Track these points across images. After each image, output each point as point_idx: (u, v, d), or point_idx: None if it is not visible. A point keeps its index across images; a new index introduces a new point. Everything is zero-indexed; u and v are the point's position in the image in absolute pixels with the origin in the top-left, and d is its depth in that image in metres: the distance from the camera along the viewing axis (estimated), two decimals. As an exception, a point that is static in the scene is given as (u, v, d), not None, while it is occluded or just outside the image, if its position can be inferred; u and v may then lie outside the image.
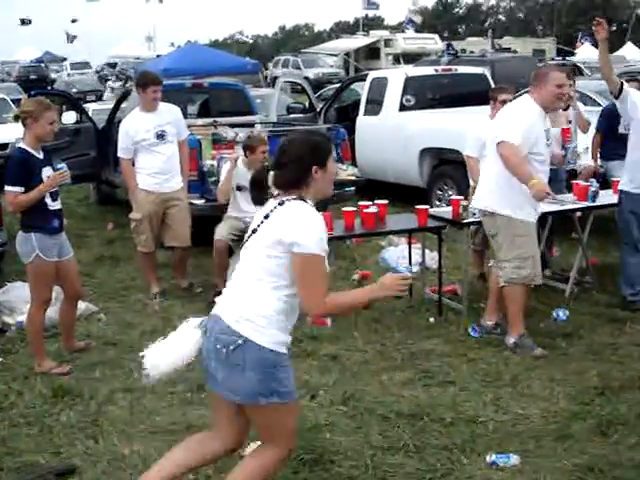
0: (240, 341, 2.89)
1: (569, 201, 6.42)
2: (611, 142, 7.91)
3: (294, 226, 2.90)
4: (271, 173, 3.06)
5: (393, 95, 10.14)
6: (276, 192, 3.06)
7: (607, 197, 6.69)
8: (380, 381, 4.83)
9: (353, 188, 8.16)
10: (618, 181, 6.72)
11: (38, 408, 4.53)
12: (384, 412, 4.34)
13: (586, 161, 7.90)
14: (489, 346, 5.35)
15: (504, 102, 6.14)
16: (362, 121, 10.51)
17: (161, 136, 6.54)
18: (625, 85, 5.99)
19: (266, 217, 2.99)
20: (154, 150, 6.56)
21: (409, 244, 6.59)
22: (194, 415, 4.40)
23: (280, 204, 2.98)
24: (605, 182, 7.33)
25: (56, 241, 5.02)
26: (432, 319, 5.92)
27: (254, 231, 3.05)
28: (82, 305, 5.89)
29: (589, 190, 6.42)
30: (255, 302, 2.94)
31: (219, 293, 6.24)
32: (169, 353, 3.12)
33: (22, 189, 4.81)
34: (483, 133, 5.92)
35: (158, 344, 3.18)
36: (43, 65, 37.83)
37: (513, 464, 3.78)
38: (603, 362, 5.07)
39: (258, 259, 2.97)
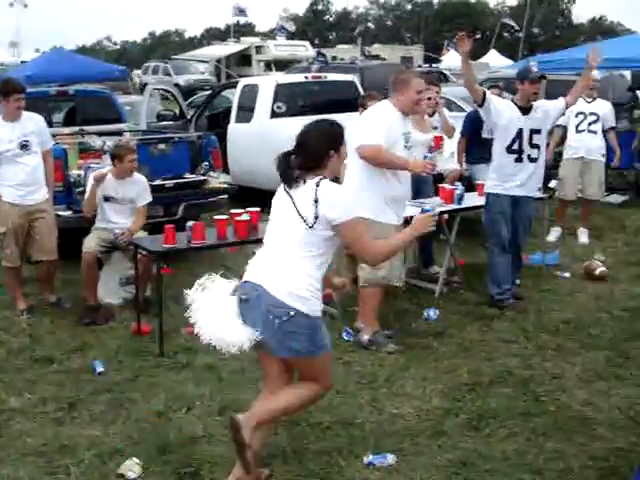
0: (292, 313, 3.36)
1: (436, 204, 6.61)
2: (476, 146, 8.21)
3: (328, 201, 3.39)
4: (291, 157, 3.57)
5: (264, 102, 10.17)
6: (296, 173, 3.52)
7: (472, 199, 6.95)
8: (257, 389, 4.78)
9: (225, 196, 8.11)
10: (483, 184, 7.00)
11: None
12: (262, 420, 4.33)
13: (452, 165, 8.16)
14: (363, 349, 5.43)
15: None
16: (233, 128, 10.47)
17: (25, 146, 6.27)
18: (488, 93, 6.24)
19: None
20: (18, 161, 6.28)
21: (283, 250, 6.60)
22: (66, 435, 4.23)
23: (305, 183, 3.47)
24: (470, 185, 7.62)
25: None
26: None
27: (285, 209, 3.51)
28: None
29: (455, 193, 6.64)
30: (301, 278, 3.40)
31: (90, 307, 6.09)
32: (224, 326, 3.46)
33: None
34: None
35: (208, 323, 3.51)
36: None
37: (389, 463, 3.85)
38: (473, 359, 5.25)
39: (297, 233, 3.42)
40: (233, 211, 6.04)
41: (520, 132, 6.20)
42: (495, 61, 31.53)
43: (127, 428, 4.27)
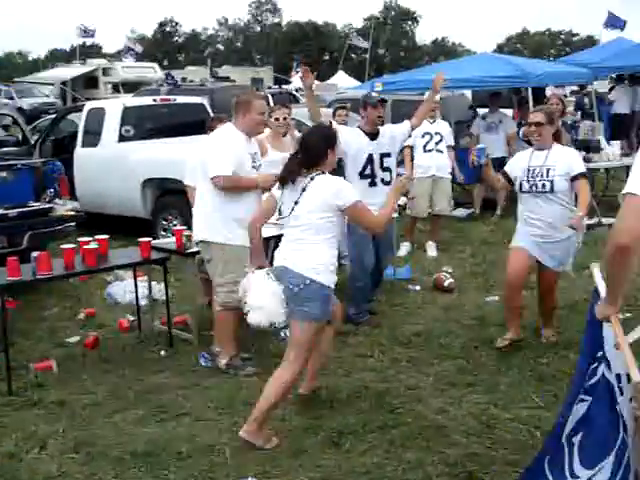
0: (307, 282, 4.15)
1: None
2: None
3: (334, 191, 4.20)
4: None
5: (111, 126, 9.92)
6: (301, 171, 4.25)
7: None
8: (113, 422, 4.66)
9: (73, 224, 7.83)
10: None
11: None
12: (119, 454, 4.20)
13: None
14: (221, 373, 5.38)
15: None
16: (80, 153, 10.15)
17: None
18: (334, 124, 6.36)
19: (304, 190, 4.20)
20: None
21: (135, 278, 6.47)
22: None
23: (312, 179, 4.22)
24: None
25: None
26: (163, 352, 5.84)
27: (296, 203, 4.23)
28: None
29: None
30: (315, 254, 4.20)
31: None
32: (272, 304, 4.13)
33: None
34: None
35: (256, 308, 4.17)
36: None
37: (252, 487, 3.83)
38: (330, 376, 5.30)
39: (310, 222, 4.20)
40: (81, 239, 5.84)
41: (370, 157, 6.37)
42: (343, 82, 32.30)
43: None
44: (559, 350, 5.69)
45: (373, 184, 6.39)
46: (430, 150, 9.07)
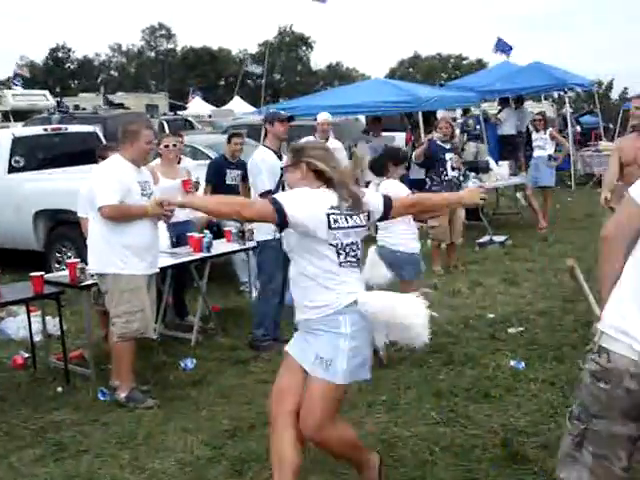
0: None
1: (185, 253, 6.66)
2: (221, 193, 8.35)
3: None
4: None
5: (1, 156, 9.66)
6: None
7: (221, 246, 7.08)
8: (9, 463, 4.52)
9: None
10: (230, 230, 7.17)
11: None
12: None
13: (199, 213, 8.19)
14: (120, 407, 5.29)
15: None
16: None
17: None
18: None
19: None
20: None
21: (28, 313, 6.29)
22: None
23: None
24: (219, 231, 7.73)
25: None
26: (60, 388, 5.69)
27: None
28: None
29: (203, 241, 6.72)
30: None
31: None
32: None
33: None
34: None
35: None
36: None
37: (152, 523, 3.78)
38: (232, 404, 5.30)
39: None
40: (-30, 275, 5.66)
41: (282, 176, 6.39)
42: (239, 108, 32.36)
43: None
44: (455, 366, 5.87)
45: None
46: None
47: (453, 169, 9.19)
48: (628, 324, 2.68)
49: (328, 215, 3.52)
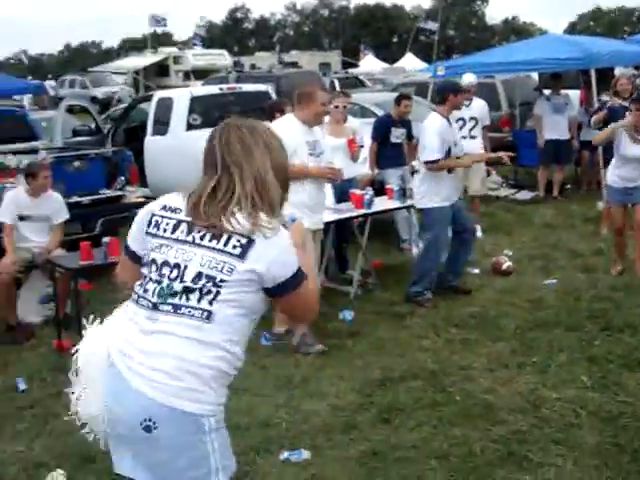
0: None
1: (347, 209, 6.88)
2: (386, 151, 8.50)
3: None
4: None
5: (179, 115, 10.25)
6: None
7: (382, 203, 7.25)
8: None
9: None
10: (392, 188, 7.31)
11: None
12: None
13: (364, 170, 8.42)
14: (280, 352, 5.64)
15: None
16: (150, 142, 10.52)
17: None
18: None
19: None
20: None
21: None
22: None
23: None
24: (382, 189, 7.89)
25: None
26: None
27: None
28: None
29: (364, 198, 6.91)
30: None
31: (10, 327, 6.13)
32: None
33: None
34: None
35: None
36: None
37: (304, 458, 4.07)
38: (385, 356, 5.50)
39: None
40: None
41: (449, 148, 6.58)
42: (411, 64, 32.14)
43: (52, 442, 4.38)
44: (613, 332, 5.76)
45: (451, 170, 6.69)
46: (463, 137, 8.73)
47: None
48: None
49: None
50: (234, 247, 2.33)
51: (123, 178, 8.30)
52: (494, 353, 5.50)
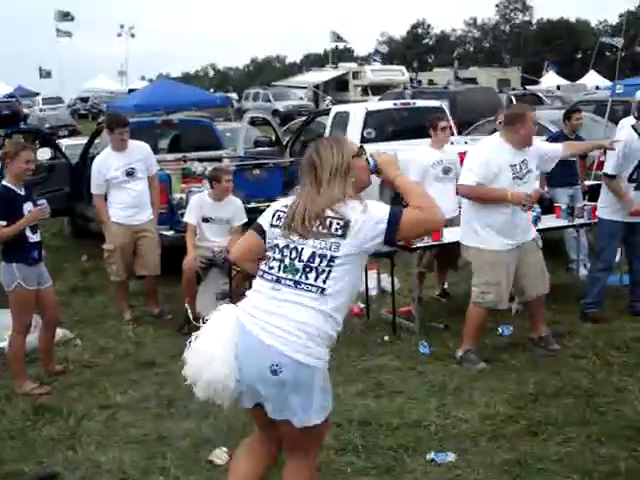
0: None
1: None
2: (557, 169, 8.42)
3: None
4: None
5: (355, 128, 10.68)
6: None
7: (550, 221, 7.25)
8: (336, 393, 5.22)
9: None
10: (560, 206, 7.29)
11: (21, 424, 4.94)
12: (338, 420, 4.74)
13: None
14: (437, 361, 5.82)
15: (444, 129, 7.00)
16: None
17: (130, 174, 7.02)
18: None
19: None
20: (124, 186, 7.03)
21: (365, 270, 7.04)
22: (165, 428, 4.81)
23: None
24: (551, 207, 7.85)
25: (36, 270, 5.43)
26: (387, 337, 6.39)
27: None
28: (60, 332, 6.28)
29: (531, 215, 6.93)
30: None
31: (188, 319, 6.69)
32: None
33: (4, 223, 5.23)
34: (426, 159, 6.92)
35: None
36: (15, 100, 38.11)
37: (450, 461, 4.24)
38: (540, 372, 5.54)
39: None
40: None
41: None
42: (593, 82, 31.13)
43: (219, 422, 4.80)
44: None
45: (638, 188, 6.62)
46: None
47: None
48: None
49: None
50: (336, 229, 3.00)
51: (299, 187, 8.75)
52: (655, 378, 5.41)
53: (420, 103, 11.93)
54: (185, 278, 6.81)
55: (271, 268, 3.11)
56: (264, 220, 3.23)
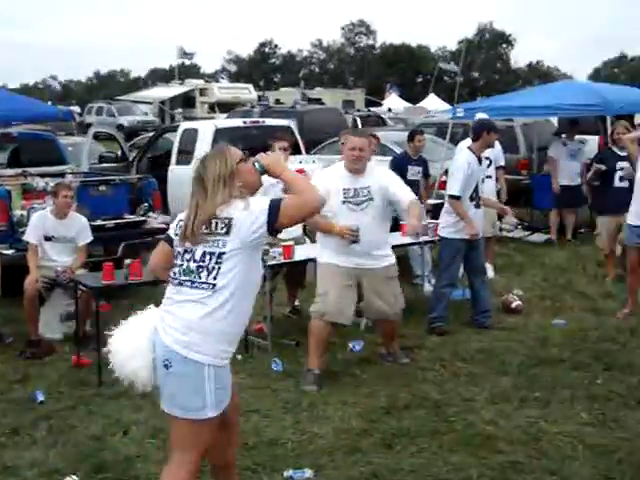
0: None
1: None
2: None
3: None
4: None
5: (203, 146, 10.55)
6: None
7: (397, 239, 7.43)
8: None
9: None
10: (406, 224, 7.48)
11: None
12: (192, 442, 4.67)
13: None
14: (290, 378, 5.83)
15: (284, 149, 6.95)
16: (174, 170, 10.84)
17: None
18: None
19: None
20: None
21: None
22: (8, 457, 4.56)
23: None
24: (396, 225, 8.06)
25: None
26: (239, 356, 6.28)
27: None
28: None
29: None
30: None
31: (31, 342, 6.37)
32: None
33: None
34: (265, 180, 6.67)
35: None
36: None
37: (307, 477, 4.24)
38: (391, 385, 5.67)
39: None
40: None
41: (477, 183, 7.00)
42: (433, 105, 32.49)
43: (66, 451, 4.59)
44: (615, 372, 5.90)
45: (477, 206, 7.06)
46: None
47: (622, 179, 8.70)
48: None
49: None
50: (222, 228, 3.26)
51: (147, 204, 8.57)
52: (498, 387, 5.65)
53: (269, 122, 11.99)
54: (27, 299, 6.47)
55: (175, 273, 3.39)
56: (171, 230, 3.52)
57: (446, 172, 9.90)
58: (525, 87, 55.43)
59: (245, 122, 11.80)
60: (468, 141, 7.40)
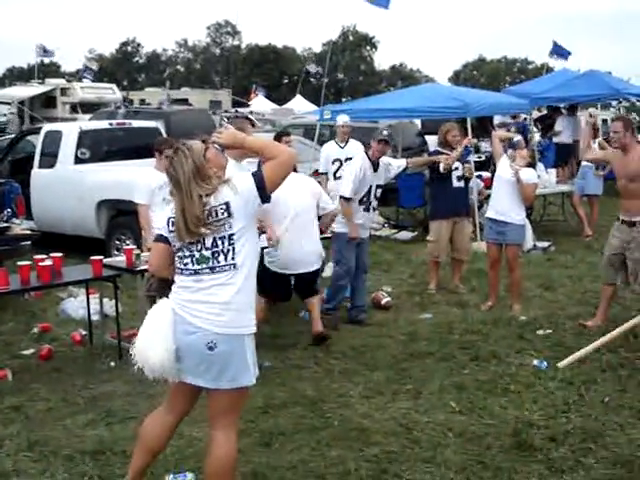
0: None
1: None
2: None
3: None
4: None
5: (68, 148, 10.29)
6: None
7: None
8: (64, 425, 5.04)
9: (29, 242, 8.19)
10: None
11: None
12: (69, 452, 4.59)
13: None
14: (165, 383, 5.75)
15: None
16: (37, 174, 10.49)
17: None
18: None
19: None
20: None
21: (87, 294, 6.84)
22: None
23: None
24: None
25: None
26: (113, 363, 6.23)
27: None
28: None
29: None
30: None
31: None
32: None
33: None
34: (153, 182, 6.78)
35: None
36: None
37: (188, 480, 4.25)
38: (267, 385, 5.70)
39: None
40: (37, 257, 6.21)
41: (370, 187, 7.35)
42: (300, 106, 32.80)
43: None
44: (480, 362, 6.21)
45: (367, 210, 7.45)
46: (339, 177, 9.09)
47: (460, 179, 8.69)
48: None
49: None
50: (223, 213, 3.52)
51: (9, 210, 8.27)
52: (370, 382, 5.84)
53: (136, 123, 11.79)
54: None
55: (185, 264, 3.61)
56: (163, 230, 3.70)
57: (315, 172, 10.12)
58: (389, 88, 57.11)
59: (111, 124, 11.55)
60: (332, 143, 7.66)
